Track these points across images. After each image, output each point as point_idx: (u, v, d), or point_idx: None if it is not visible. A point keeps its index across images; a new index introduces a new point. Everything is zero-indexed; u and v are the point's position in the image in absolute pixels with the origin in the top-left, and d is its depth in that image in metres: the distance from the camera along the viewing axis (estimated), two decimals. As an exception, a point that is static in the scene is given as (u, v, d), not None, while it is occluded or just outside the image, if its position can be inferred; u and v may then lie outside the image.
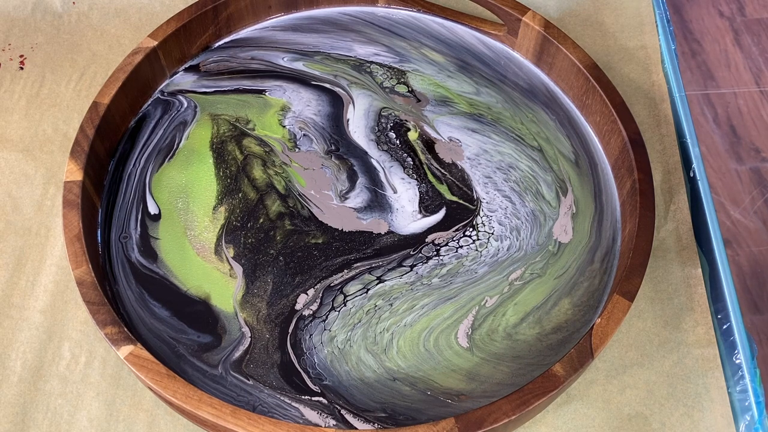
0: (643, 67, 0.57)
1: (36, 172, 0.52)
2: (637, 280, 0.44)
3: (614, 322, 0.42)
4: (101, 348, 0.45)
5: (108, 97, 0.49)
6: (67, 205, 0.45)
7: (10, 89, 0.55)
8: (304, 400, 0.43)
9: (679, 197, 0.51)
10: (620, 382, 0.45)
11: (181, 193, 0.50)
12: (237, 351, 0.44)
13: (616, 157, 0.51)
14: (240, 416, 0.39)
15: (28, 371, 0.45)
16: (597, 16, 0.60)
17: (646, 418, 0.44)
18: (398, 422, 0.43)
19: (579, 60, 0.52)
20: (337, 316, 0.46)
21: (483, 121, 0.54)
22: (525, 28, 0.55)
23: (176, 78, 0.55)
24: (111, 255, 0.47)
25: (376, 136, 0.53)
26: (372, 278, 0.47)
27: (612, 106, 0.50)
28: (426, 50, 0.57)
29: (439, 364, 0.44)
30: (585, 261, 0.48)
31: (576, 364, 0.41)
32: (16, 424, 0.43)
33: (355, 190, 0.50)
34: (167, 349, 0.44)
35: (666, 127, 0.54)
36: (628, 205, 0.48)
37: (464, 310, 0.46)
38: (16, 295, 0.47)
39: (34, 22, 0.58)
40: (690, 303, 0.48)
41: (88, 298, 0.42)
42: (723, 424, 0.44)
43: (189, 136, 0.52)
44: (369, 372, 0.44)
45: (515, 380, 0.44)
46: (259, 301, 0.46)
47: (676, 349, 0.46)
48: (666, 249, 0.49)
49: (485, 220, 0.50)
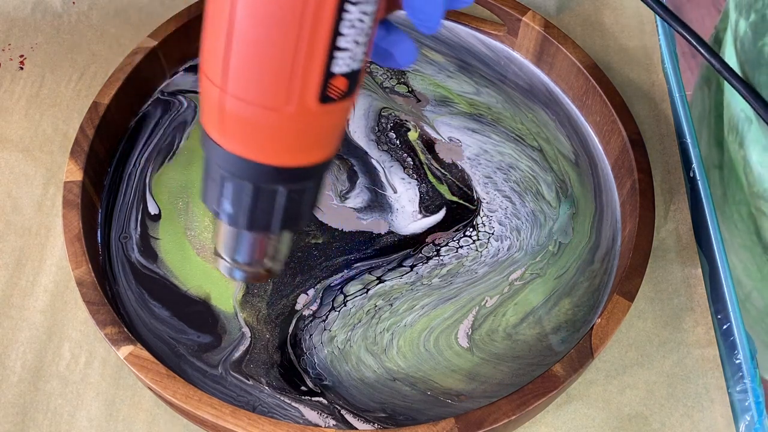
0: (643, 67, 0.57)
1: (36, 172, 0.52)
2: (637, 280, 0.44)
3: (614, 322, 0.42)
4: (101, 348, 0.45)
5: (108, 97, 0.49)
6: (67, 205, 0.45)
7: (10, 89, 0.55)
8: (304, 400, 0.43)
9: (679, 197, 0.51)
10: (620, 382, 0.45)
11: (182, 193, 0.50)
12: (237, 351, 0.44)
13: (616, 157, 0.51)
14: (240, 416, 0.39)
15: (28, 371, 0.45)
16: (597, 16, 0.60)
17: (646, 418, 0.44)
18: (398, 422, 0.43)
19: (579, 60, 0.52)
20: (337, 316, 0.46)
21: (483, 121, 0.54)
22: (525, 28, 0.55)
23: (176, 78, 0.55)
24: (111, 255, 0.47)
25: (376, 136, 0.53)
26: (372, 278, 0.47)
27: (612, 106, 0.50)
28: (426, 50, 0.57)
29: (439, 364, 0.44)
30: (585, 261, 0.48)
31: (576, 364, 0.41)
32: (16, 424, 0.43)
33: (355, 190, 0.50)
34: (167, 349, 0.44)
35: (666, 127, 0.54)
36: (628, 205, 0.48)
37: (464, 310, 0.46)
38: (15, 295, 0.47)
39: (33, 22, 0.58)
40: (690, 303, 0.48)
41: (88, 298, 0.42)
42: (723, 424, 0.44)
43: (189, 136, 0.52)
44: (369, 372, 0.44)
45: (515, 380, 0.44)
46: (259, 301, 0.46)
47: (676, 349, 0.46)
48: (666, 249, 0.49)
49: (485, 220, 0.50)
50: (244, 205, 0.32)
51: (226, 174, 0.32)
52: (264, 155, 0.31)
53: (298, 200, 0.33)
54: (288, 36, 0.28)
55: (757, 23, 0.42)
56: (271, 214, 0.33)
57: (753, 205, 0.52)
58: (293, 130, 0.30)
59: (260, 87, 0.29)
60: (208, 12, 0.30)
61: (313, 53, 0.28)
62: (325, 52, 0.28)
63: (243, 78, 0.29)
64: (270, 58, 0.28)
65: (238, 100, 0.29)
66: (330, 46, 0.28)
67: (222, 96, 0.29)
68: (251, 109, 0.29)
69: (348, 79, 0.30)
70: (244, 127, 0.30)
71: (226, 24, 0.28)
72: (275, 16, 0.28)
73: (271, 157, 0.31)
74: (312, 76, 0.29)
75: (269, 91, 0.29)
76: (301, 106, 0.29)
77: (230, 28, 0.28)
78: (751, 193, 0.51)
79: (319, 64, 0.28)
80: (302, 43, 0.28)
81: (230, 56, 0.29)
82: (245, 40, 0.28)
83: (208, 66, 0.30)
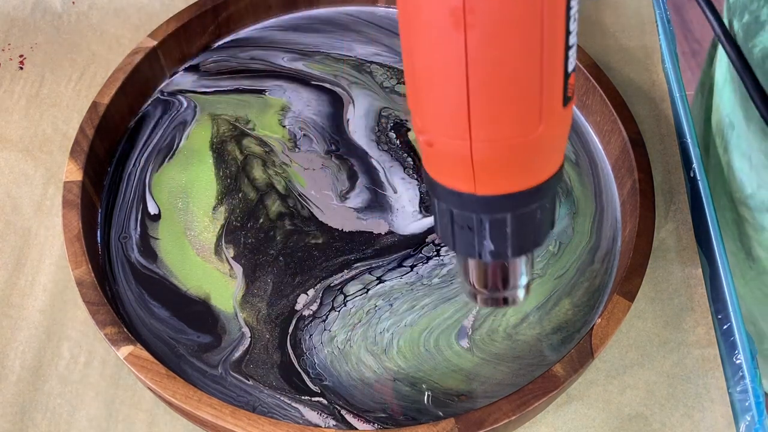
0: (643, 67, 0.57)
1: (36, 172, 0.52)
2: (637, 280, 0.44)
3: (614, 323, 0.42)
4: (101, 348, 0.45)
5: (108, 97, 0.49)
6: (67, 205, 0.45)
7: (10, 89, 0.55)
8: (304, 401, 0.43)
9: (679, 197, 0.51)
10: (620, 383, 0.45)
11: (181, 193, 0.50)
12: (237, 351, 0.44)
13: (617, 157, 0.51)
14: (240, 416, 0.39)
15: (27, 371, 0.45)
16: (597, 16, 0.60)
17: (646, 418, 0.44)
18: (398, 422, 0.42)
19: (579, 60, 0.52)
20: (337, 316, 0.46)
21: (483, 121, 0.54)
22: (525, 28, 0.54)
23: (176, 78, 0.55)
24: (111, 255, 0.47)
25: (377, 136, 0.53)
26: (372, 278, 0.47)
27: (612, 106, 0.50)
28: (426, 50, 0.57)
29: (440, 364, 0.44)
30: (585, 261, 0.48)
31: (576, 364, 0.41)
32: (15, 423, 0.43)
33: (356, 190, 0.50)
34: (167, 350, 0.44)
35: (666, 127, 0.54)
36: (629, 205, 0.48)
37: (464, 310, 0.46)
38: (15, 295, 0.47)
39: (33, 21, 0.58)
40: (690, 303, 0.48)
41: (87, 299, 0.42)
42: (723, 424, 0.44)
43: (189, 136, 0.52)
44: (369, 372, 0.44)
45: (515, 380, 0.44)
46: (259, 301, 0.46)
47: (677, 349, 0.46)
48: (666, 249, 0.49)
49: (485, 220, 0.49)
50: (507, 236, 0.31)
51: (484, 216, 0.30)
52: (522, 183, 0.29)
53: (551, 209, 0.32)
54: (532, 56, 0.26)
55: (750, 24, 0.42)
56: (531, 233, 0.32)
57: (736, 211, 0.52)
58: (547, 144, 0.29)
59: (514, 119, 0.27)
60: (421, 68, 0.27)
61: (554, 62, 0.27)
62: (564, 55, 0.27)
63: (492, 118, 0.27)
64: (518, 84, 0.26)
65: (489, 142, 0.27)
66: (566, 47, 0.27)
67: (468, 146, 0.28)
68: (505, 145, 0.28)
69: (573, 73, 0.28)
70: (498, 166, 0.28)
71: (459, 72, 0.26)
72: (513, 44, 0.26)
73: (529, 181, 0.30)
74: (557, 84, 0.27)
75: (524, 119, 0.27)
76: (551, 118, 0.28)
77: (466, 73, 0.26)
78: (734, 199, 0.51)
79: (560, 70, 0.27)
80: (546, 57, 0.26)
81: (471, 101, 0.27)
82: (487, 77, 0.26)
83: (438, 123, 0.28)
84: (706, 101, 0.58)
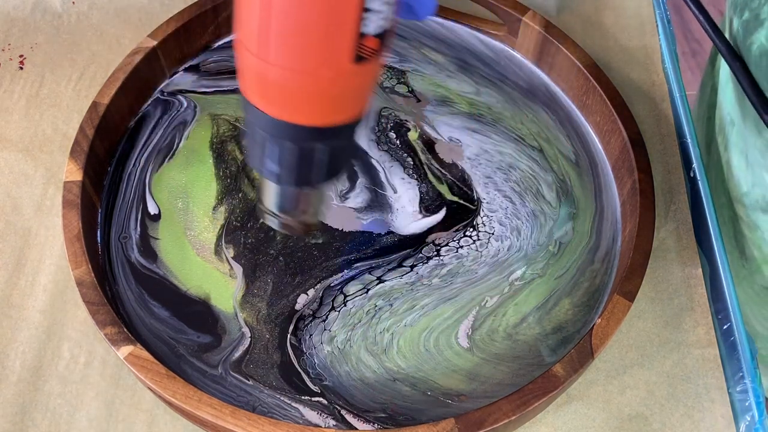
0: (643, 67, 0.57)
1: (36, 172, 0.52)
2: (637, 280, 0.44)
3: (614, 323, 0.42)
4: (101, 348, 0.45)
5: (108, 97, 0.49)
6: (67, 205, 0.45)
7: (10, 89, 0.55)
8: (304, 401, 0.43)
9: (679, 197, 0.51)
10: (620, 383, 0.45)
11: (181, 193, 0.50)
12: (237, 351, 0.44)
13: (617, 157, 0.51)
14: (240, 416, 0.39)
15: (27, 371, 0.45)
16: (597, 16, 0.60)
17: (646, 418, 0.44)
18: (398, 422, 0.42)
19: (579, 60, 0.52)
20: (337, 316, 0.46)
21: (483, 121, 0.54)
22: (525, 28, 0.55)
23: (176, 78, 0.55)
24: (111, 255, 0.47)
25: (377, 136, 0.53)
26: (372, 278, 0.47)
27: (612, 106, 0.50)
28: (426, 50, 0.57)
29: (440, 364, 0.44)
30: (585, 261, 0.48)
31: (576, 364, 0.41)
32: (15, 423, 0.43)
33: (355, 190, 0.50)
34: (167, 350, 0.44)
35: (666, 127, 0.54)
36: (629, 205, 0.48)
37: (464, 310, 0.46)
38: (15, 295, 0.47)
39: (33, 21, 0.58)
40: (690, 303, 0.48)
41: (87, 298, 0.42)
42: (723, 424, 0.44)
43: (189, 136, 0.52)
44: (369, 372, 0.44)
45: (515, 380, 0.44)
46: (259, 301, 0.46)
47: (677, 349, 0.46)
48: (666, 249, 0.49)
49: (486, 220, 0.50)
50: (286, 163, 0.35)
51: (269, 136, 0.34)
52: (304, 117, 0.33)
53: (335, 156, 0.36)
54: (321, 3, 0.30)
55: (749, 21, 0.42)
56: (311, 170, 0.35)
57: (732, 209, 0.52)
58: (330, 91, 0.32)
59: (298, 53, 0.31)
60: None
61: (343, 19, 0.30)
62: (357, 15, 0.30)
63: (282, 47, 0.31)
64: (306, 26, 0.30)
65: (278, 67, 0.31)
66: (361, 9, 0.30)
67: (262, 65, 0.32)
68: (291, 75, 0.32)
69: (379, 39, 0.32)
70: (284, 93, 0.32)
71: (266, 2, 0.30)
72: None
73: (310, 118, 0.33)
74: (345, 38, 0.31)
75: (307, 57, 0.31)
76: (337, 67, 0.32)
77: (267, 2, 0.30)
78: (732, 197, 0.51)
79: (351, 27, 0.31)
80: (334, 10, 0.30)
81: (268, 27, 0.31)
82: (283, 11, 0.30)
83: (246, 38, 0.32)
84: (708, 99, 0.58)
